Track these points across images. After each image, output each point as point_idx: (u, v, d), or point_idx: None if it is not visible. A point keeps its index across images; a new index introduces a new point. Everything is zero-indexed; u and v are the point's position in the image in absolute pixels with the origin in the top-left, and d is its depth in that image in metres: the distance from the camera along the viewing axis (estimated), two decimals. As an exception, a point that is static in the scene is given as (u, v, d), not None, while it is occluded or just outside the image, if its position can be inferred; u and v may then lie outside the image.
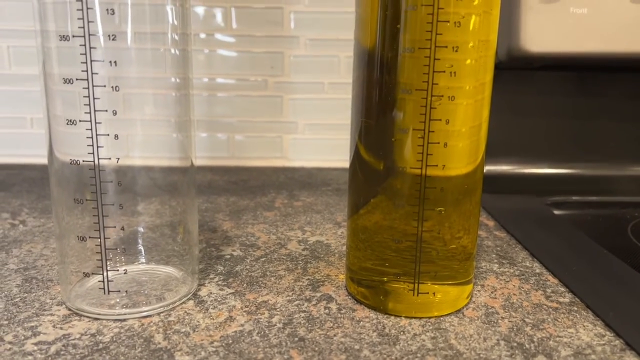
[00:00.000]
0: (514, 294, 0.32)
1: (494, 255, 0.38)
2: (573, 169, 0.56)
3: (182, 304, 0.30)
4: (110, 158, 0.28)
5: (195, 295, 0.31)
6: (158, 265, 0.33)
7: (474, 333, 0.28)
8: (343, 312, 0.30)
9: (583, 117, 0.56)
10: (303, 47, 0.59)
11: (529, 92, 0.55)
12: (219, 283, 0.33)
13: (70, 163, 0.28)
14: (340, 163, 0.62)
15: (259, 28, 0.59)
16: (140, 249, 0.32)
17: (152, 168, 0.32)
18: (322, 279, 0.34)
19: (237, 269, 0.35)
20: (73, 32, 0.26)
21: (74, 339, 0.26)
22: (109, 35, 0.26)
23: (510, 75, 0.54)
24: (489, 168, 0.55)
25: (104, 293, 0.29)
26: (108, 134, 0.27)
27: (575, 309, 0.30)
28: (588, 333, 0.28)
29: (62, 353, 0.25)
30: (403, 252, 0.29)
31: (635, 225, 0.47)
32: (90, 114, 0.27)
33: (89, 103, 0.27)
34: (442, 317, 0.29)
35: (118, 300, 0.29)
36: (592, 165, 0.56)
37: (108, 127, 0.27)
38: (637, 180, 0.56)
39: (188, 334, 0.27)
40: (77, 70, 0.26)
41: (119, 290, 0.29)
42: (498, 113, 0.55)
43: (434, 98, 0.26)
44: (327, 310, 0.30)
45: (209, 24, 0.59)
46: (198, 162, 0.61)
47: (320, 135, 0.62)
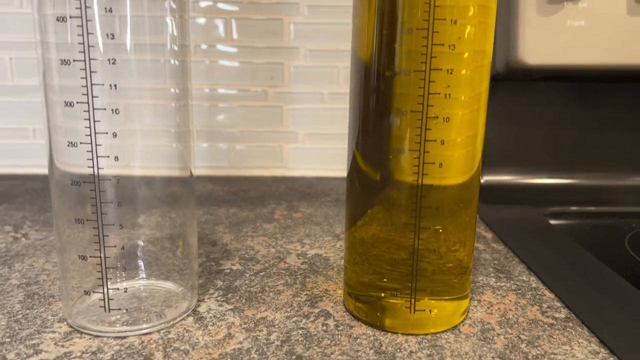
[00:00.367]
0: (510, 310, 0.33)
1: (491, 269, 0.38)
2: (571, 179, 0.56)
3: (181, 321, 0.31)
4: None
5: (195, 312, 0.32)
6: (158, 281, 0.33)
7: (470, 350, 0.28)
8: (341, 328, 0.30)
9: (582, 127, 0.56)
10: (303, 57, 0.60)
11: (527, 102, 0.56)
12: (218, 299, 0.33)
13: (71, 173, 0.28)
14: (339, 172, 0.62)
15: (259, 39, 0.59)
16: (141, 264, 0.33)
17: (152, 178, 0.32)
18: (320, 294, 0.34)
19: (236, 284, 0.35)
20: (72, 43, 0.26)
21: (75, 357, 0.27)
22: (109, 47, 0.27)
23: (509, 86, 0.55)
24: (488, 178, 0.55)
25: (105, 311, 0.29)
26: (108, 149, 0.27)
27: (571, 325, 0.31)
28: (583, 350, 0.28)
29: (63, 372, 0.26)
30: (400, 265, 0.30)
31: (633, 237, 0.47)
32: (90, 124, 0.27)
33: (89, 113, 0.27)
34: (438, 333, 0.30)
35: (119, 317, 0.30)
36: (590, 176, 0.56)
37: (108, 138, 0.27)
38: (635, 191, 0.56)
39: (187, 352, 0.27)
40: (76, 81, 0.27)
41: (120, 308, 0.30)
42: (496, 123, 0.55)
43: (429, 119, 0.27)
44: (324, 327, 0.30)
45: (210, 35, 0.59)
46: (199, 171, 0.62)
47: (320, 145, 0.62)
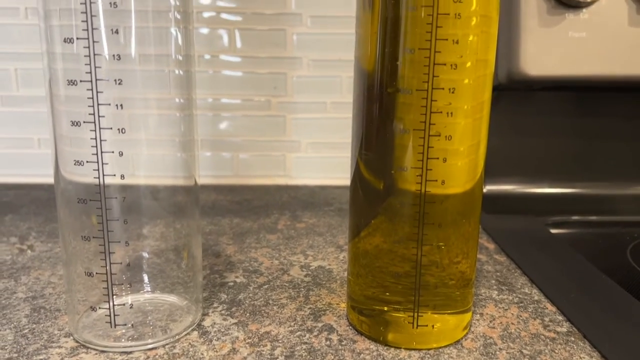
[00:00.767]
0: (512, 323, 0.33)
1: (494, 282, 0.38)
2: (573, 189, 0.56)
3: (186, 335, 0.31)
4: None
5: (200, 326, 0.32)
6: (163, 294, 0.33)
7: (472, 366, 0.28)
8: (344, 343, 0.30)
9: (583, 136, 0.56)
10: (306, 67, 0.60)
11: (529, 112, 0.56)
12: (223, 312, 0.33)
13: (75, 164, 0.28)
14: (342, 181, 0.62)
15: (263, 49, 0.60)
16: (146, 277, 0.33)
17: (156, 187, 0.33)
18: (323, 308, 0.34)
19: (240, 297, 0.35)
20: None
21: (82, 373, 0.27)
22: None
23: (510, 96, 0.55)
24: (490, 188, 0.56)
25: (111, 326, 0.30)
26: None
27: (573, 340, 0.31)
28: (584, 365, 0.28)
29: (70, 388, 0.26)
30: (403, 278, 0.30)
31: (635, 248, 0.47)
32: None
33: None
34: (441, 348, 0.30)
35: (124, 332, 0.30)
36: (592, 185, 0.57)
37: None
38: (637, 200, 0.56)
39: (192, 368, 0.28)
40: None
41: (125, 323, 0.30)
42: (498, 133, 0.55)
43: (432, 137, 0.27)
44: (328, 342, 0.30)
45: (214, 46, 0.59)
46: (203, 180, 0.62)
47: (323, 154, 0.63)
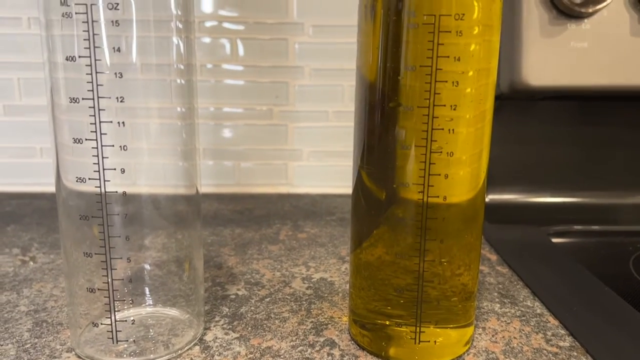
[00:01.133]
0: (515, 338, 0.33)
1: (496, 294, 0.38)
2: (575, 198, 0.56)
3: (188, 350, 0.31)
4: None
5: (201, 340, 0.32)
6: (164, 308, 0.33)
7: (474, 382, 0.28)
8: (346, 359, 0.30)
9: (585, 145, 0.56)
10: (307, 76, 0.60)
11: (531, 121, 0.56)
12: (224, 327, 0.33)
13: (77, 181, 0.28)
14: (344, 189, 0.62)
15: (265, 59, 0.60)
16: (147, 290, 0.33)
17: (158, 196, 0.33)
18: (325, 322, 0.34)
19: (242, 311, 0.35)
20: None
21: (83, 389, 0.27)
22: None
23: (512, 105, 0.55)
24: (492, 197, 0.56)
25: (113, 342, 0.30)
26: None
27: (575, 355, 0.31)
28: (587, 382, 0.28)
29: (71, 405, 0.26)
30: (405, 291, 0.30)
31: (638, 258, 0.47)
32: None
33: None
34: (443, 363, 0.30)
35: (126, 347, 0.30)
36: (595, 194, 0.56)
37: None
38: None
39: (194, 384, 0.28)
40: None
41: (127, 339, 0.30)
42: (500, 142, 0.55)
43: (433, 154, 0.27)
44: (330, 357, 0.30)
45: (216, 55, 0.60)
46: (205, 189, 0.62)
47: (325, 163, 0.63)
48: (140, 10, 0.28)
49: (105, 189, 0.27)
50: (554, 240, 0.50)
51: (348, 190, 0.32)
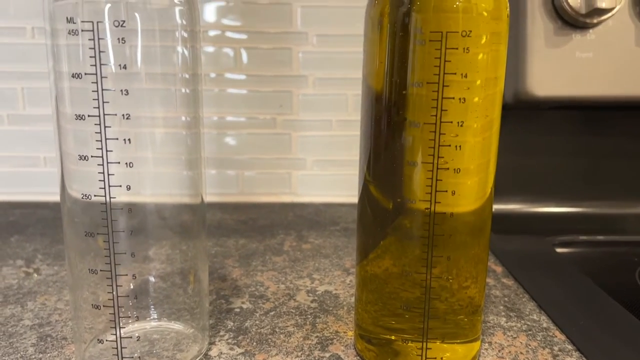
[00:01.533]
0: (521, 353, 0.32)
1: (502, 307, 0.38)
2: (581, 208, 0.56)
3: (193, 366, 0.31)
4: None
5: (206, 356, 0.32)
6: (169, 322, 0.33)
7: (482, 400, 0.28)
8: (351, 375, 0.30)
9: (591, 155, 0.56)
10: (311, 85, 0.60)
11: (536, 131, 0.56)
12: (229, 341, 0.33)
13: (82, 197, 0.28)
14: (347, 198, 0.62)
15: (268, 68, 0.60)
16: (152, 304, 0.33)
17: (163, 207, 0.32)
18: (330, 336, 0.34)
19: (246, 325, 0.35)
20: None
21: (88, 407, 0.27)
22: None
23: (517, 115, 0.55)
24: (496, 207, 0.55)
25: (118, 359, 0.29)
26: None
27: (583, 371, 0.31)
28: (595, 399, 0.28)
29: None
30: (412, 305, 0.29)
31: (643, 270, 0.47)
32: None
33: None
34: (449, 380, 0.30)
35: (131, 363, 0.30)
36: (600, 204, 0.56)
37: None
38: (645, 219, 0.56)
39: (199, 402, 0.27)
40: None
41: (132, 356, 0.30)
42: (505, 152, 0.55)
43: (440, 170, 0.27)
44: (335, 374, 0.30)
45: (219, 64, 0.60)
46: (208, 198, 0.62)
47: (328, 172, 0.63)
48: (146, 24, 0.28)
49: (111, 207, 0.27)
50: (559, 251, 0.50)
51: (352, 200, 0.32)
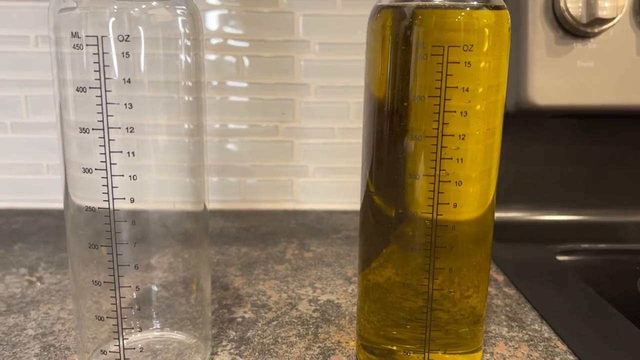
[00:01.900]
0: (523, 364, 0.33)
1: (504, 317, 0.38)
2: (582, 216, 0.56)
3: (195, 377, 0.31)
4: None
5: (209, 367, 0.32)
6: (172, 332, 0.33)
7: (483, 411, 0.28)
8: (353, 386, 0.30)
9: (592, 163, 0.56)
10: (313, 93, 0.60)
11: (537, 139, 0.56)
12: (232, 351, 0.33)
13: (86, 209, 0.28)
14: (349, 206, 0.62)
15: (270, 76, 0.60)
16: (155, 313, 0.33)
17: (166, 213, 0.33)
18: (332, 347, 0.34)
19: (249, 335, 0.35)
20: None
21: (91, 418, 0.27)
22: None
23: (518, 123, 0.55)
24: (498, 215, 0.55)
25: (121, 371, 0.30)
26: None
27: (584, 382, 0.31)
28: (597, 411, 0.28)
29: None
30: (415, 315, 0.29)
31: (645, 279, 0.47)
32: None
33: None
34: (451, 391, 0.30)
35: (134, 374, 0.30)
36: (601, 212, 0.56)
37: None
38: (647, 227, 0.56)
39: (202, 413, 0.28)
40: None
41: (135, 368, 0.30)
42: (506, 160, 0.55)
43: (442, 183, 0.27)
44: (337, 385, 0.30)
45: (221, 72, 0.60)
46: (210, 205, 0.62)
47: (330, 179, 0.63)
48: (149, 34, 0.28)
49: (115, 219, 0.28)
50: (561, 259, 0.50)
51: (353, 207, 0.32)
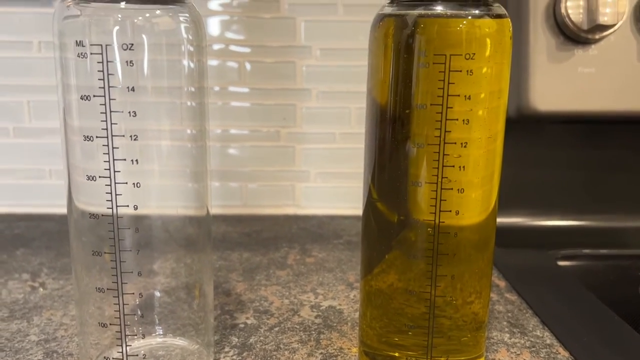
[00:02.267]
0: (525, 370, 0.33)
1: (505, 323, 0.38)
2: (584, 221, 0.56)
3: (198, 383, 0.31)
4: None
5: (211, 373, 0.32)
6: (174, 338, 0.33)
7: (485, 418, 0.28)
8: (356, 393, 0.30)
9: (594, 169, 0.56)
10: (315, 99, 0.61)
11: (539, 144, 0.56)
12: (234, 358, 0.33)
13: (90, 216, 0.29)
14: (350, 211, 0.62)
15: (272, 81, 0.60)
16: (157, 319, 0.33)
17: (169, 218, 0.33)
18: (335, 353, 0.34)
19: (251, 341, 0.35)
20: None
21: None
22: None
23: (520, 128, 0.55)
24: (500, 220, 0.55)
25: (124, 378, 0.30)
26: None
27: (586, 389, 0.31)
28: (599, 418, 0.28)
29: None
30: (417, 321, 0.30)
31: (647, 284, 0.47)
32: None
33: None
34: (453, 398, 0.30)
35: (137, 381, 0.30)
36: (603, 218, 0.56)
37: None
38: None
39: (205, 420, 0.28)
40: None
41: (138, 375, 0.30)
42: (508, 165, 0.55)
43: (444, 190, 0.27)
44: (340, 391, 0.30)
45: (223, 78, 0.60)
46: (212, 210, 0.62)
47: (331, 184, 0.63)
48: (153, 41, 0.28)
49: (118, 226, 0.28)
50: (562, 264, 0.50)
51: (355, 212, 0.32)
